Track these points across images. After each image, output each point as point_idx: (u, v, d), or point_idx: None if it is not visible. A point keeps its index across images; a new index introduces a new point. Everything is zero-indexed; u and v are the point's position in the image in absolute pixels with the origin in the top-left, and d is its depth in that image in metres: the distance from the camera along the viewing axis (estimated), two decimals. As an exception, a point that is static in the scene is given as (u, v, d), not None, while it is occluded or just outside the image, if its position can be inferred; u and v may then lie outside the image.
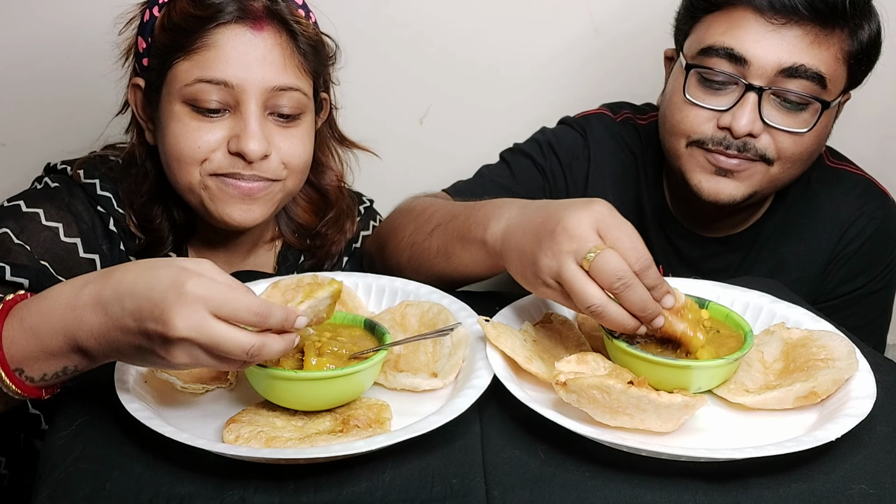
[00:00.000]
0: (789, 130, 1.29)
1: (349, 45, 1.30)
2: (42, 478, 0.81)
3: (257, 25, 1.14)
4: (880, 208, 1.45)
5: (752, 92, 1.27)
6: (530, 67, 1.78)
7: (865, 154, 1.61)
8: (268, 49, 1.14)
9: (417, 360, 0.97)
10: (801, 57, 1.26)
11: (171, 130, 1.16)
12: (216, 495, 0.78)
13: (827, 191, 1.46)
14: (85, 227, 1.21)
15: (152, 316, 0.78)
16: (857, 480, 0.81)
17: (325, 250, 1.37)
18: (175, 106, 1.15)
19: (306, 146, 1.22)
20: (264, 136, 1.15)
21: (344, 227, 1.38)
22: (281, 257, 1.36)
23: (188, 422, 0.88)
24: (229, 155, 1.15)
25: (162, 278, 0.79)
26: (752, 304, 1.09)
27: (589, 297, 0.90)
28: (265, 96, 1.15)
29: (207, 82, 1.12)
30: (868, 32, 1.30)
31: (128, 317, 0.79)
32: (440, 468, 0.82)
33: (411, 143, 1.80)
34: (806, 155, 1.33)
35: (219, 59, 1.12)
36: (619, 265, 0.89)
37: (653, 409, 0.83)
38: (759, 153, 1.30)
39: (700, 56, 1.31)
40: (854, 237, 1.44)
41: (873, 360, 0.96)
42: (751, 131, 1.28)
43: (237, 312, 0.78)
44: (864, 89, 1.38)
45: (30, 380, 0.85)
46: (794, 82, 1.27)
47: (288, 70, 1.16)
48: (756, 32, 1.26)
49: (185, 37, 1.13)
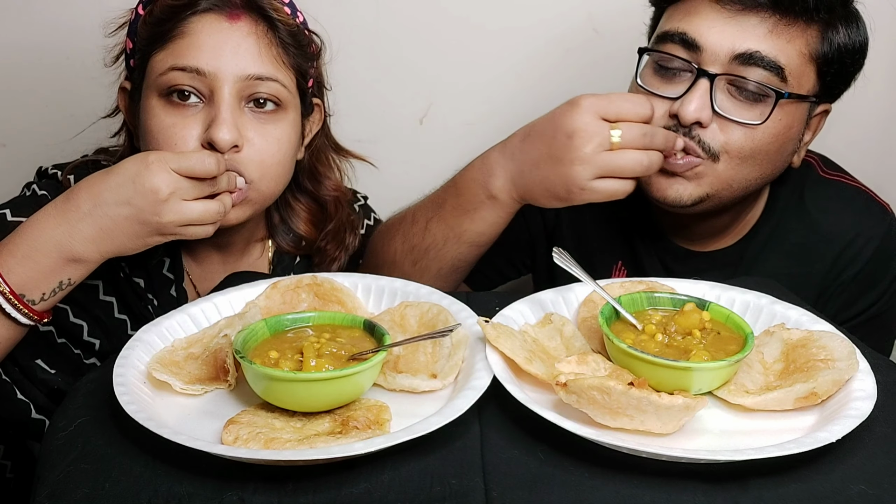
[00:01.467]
0: (741, 121, 1.23)
1: (350, 45, 1.30)
2: (41, 478, 0.81)
3: (233, 15, 1.14)
4: (879, 224, 1.37)
5: (703, 78, 1.22)
6: (530, 67, 1.78)
7: (862, 164, 1.54)
8: (242, 37, 1.14)
9: (417, 360, 0.97)
10: (758, 44, 1.21)
11: (148, 128, 1.16)
12: (215, 495, 0.78)
13: (820, 206, 1.37)
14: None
15: (136, 190, 0.99)
16: (857, 481, 0.81)
17: (326, 266, 1.37)
18: (152, 100, 1.16)
19: (282, 146, 1.20)
20: (235, 126, 1.14)
21: (345, 240, 1.38)
22: (276, 258, 1.36)
23: (187, 423, 0.88)
24: (202, 149, 1.15)
25: (126, 168, 1.01)
26: (752, 304, 1.09)
27: (637, 162, 1.12)
28: (239, 85, 1.14)
29: (181, 70, 1.13)
30: (844, 38, 1.25)
31: (115, 205, 1.00)
32: (439, 469, 0.82)
33: (411, 143, 1.80)
34: (760, 154, 1.25)
35: (192, 46, 1.13)
36: (638, 129, 1.10)
37: (653, 411, 0.83)
38: (706, 146, 1.23)
39: (655, 43, 1.29)
40: (852, 259, 1.35)
41: (873, 360, 0.96)
42: (699, 119, 1.22)
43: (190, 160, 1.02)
44: (860, 97, 1.35)
45: (31, 302, 1.02)
46: (749, 70, 1.22)
47: (264, 59, 1.16)
48: (711, 18, 1.23)
49: (162, 26, 1.14)
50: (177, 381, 0.91)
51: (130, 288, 1.25)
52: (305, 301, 1.08)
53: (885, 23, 1.35)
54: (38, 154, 1.40)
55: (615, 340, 0.93)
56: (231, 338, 0.93)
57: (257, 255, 1.35)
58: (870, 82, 1.34)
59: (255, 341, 0.93)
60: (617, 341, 0.93)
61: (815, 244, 1.37)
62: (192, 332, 1.02)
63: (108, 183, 1.01)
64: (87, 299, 1.23)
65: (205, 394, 0.93)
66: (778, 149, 1.27)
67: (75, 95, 1.66)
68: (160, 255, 1.27)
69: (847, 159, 1.49)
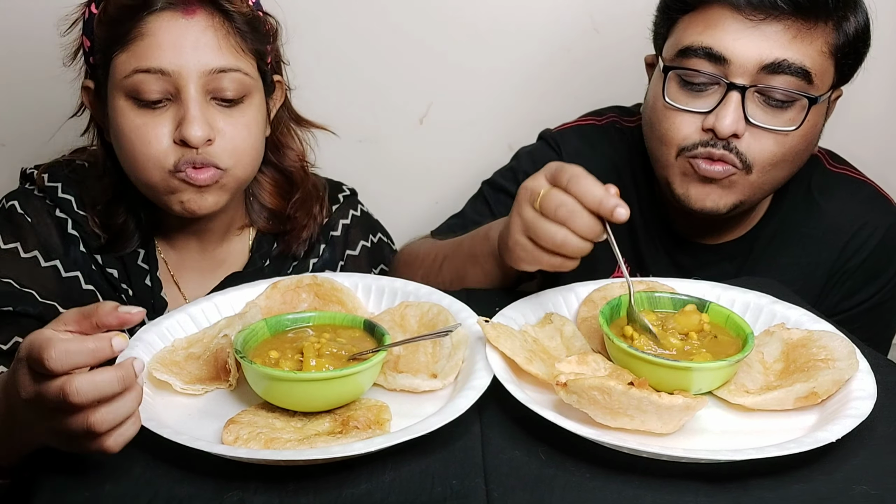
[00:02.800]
0: (775, 129, 1.24)
1: (350, 45, 1.30)
2: (41, 481, 0.81)
3: (189, 10, 1.14)
4: (884, 216, 1.40)
5: (734, 91, 1.23)
6: (531, 67, 1.77)
7: (868, 158, 1.56)
8: (200, 31, 1.15)
9: (417, 360, 0.97)
10: (784, 52, 1.21)
11: (119, 128, 1.17)
12: (215, 496, 0.78)
13: (827, 197, 1.41)
14: (42, 236, 1.24)
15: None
16: (859, 481, 0.81)
17: (296, 234, 1.37)
18: (119, 101, 1.16)
19: (252, 131, 1.21)
20: (206, 121, 1.15)
21: (312, 209, 1.38)
22: (255, 244, 1.36)
23: (187, 423, 0.88)
24: (176, 147, 1.15)
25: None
26: (752, 304, 1.09)
27: (551, 234, 0.98)
28: (203, 80, 1.15)
29: (145, 72, 1.13)
30: (854, 24, 1.26)
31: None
32: (440, 469, 0.82)
33: (411, 143, 1.80)
34: (792, 155, 1.28)
35: (152, 46, 1.13)
36: (557, 199, 0.97)
37: (653, 411, 0.83)
38: (742, 156, 1.25)
39: (678, 58, 1.27)
40: (858, 249, 1.38)
41: (874, 360, 0.96)
42: (735, 131, 1.23)
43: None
44: (864, 91, 1.36)
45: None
46: (777, 78, 1.22)
47: (224, 51, 1.16)
48: (734, 30, 1.22)
49: (120, 27, 1.14)
50: (177, 380, 0.91)
51: (105, 279, 1.27)
52: (306, 301, 1.08)
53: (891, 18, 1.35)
54: (39, 154, 1.40)
55: (615, 340, 0.93)
56: (231, 338, 0.93)
57: (236, 242, 1.36)
58: (873, 74, 1.34)
59: (255, 341, 0.93)
60: (617, 341, 0.93)
61: (821, 235, 1.39)
62: (192, 331, 1.02)
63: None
64: (72, 291, 1.24)
65: (205, 394, 0.93)
66: (806, 147, 1.30)
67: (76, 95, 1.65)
68: (134, 245, 1.28)
69: (853, 154, 1.51)
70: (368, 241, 1.45)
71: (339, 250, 1.42)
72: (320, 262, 1.39)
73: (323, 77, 1.38)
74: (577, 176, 0.98)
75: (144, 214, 1.27)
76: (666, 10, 1.33)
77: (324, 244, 1.40)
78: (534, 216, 1.00)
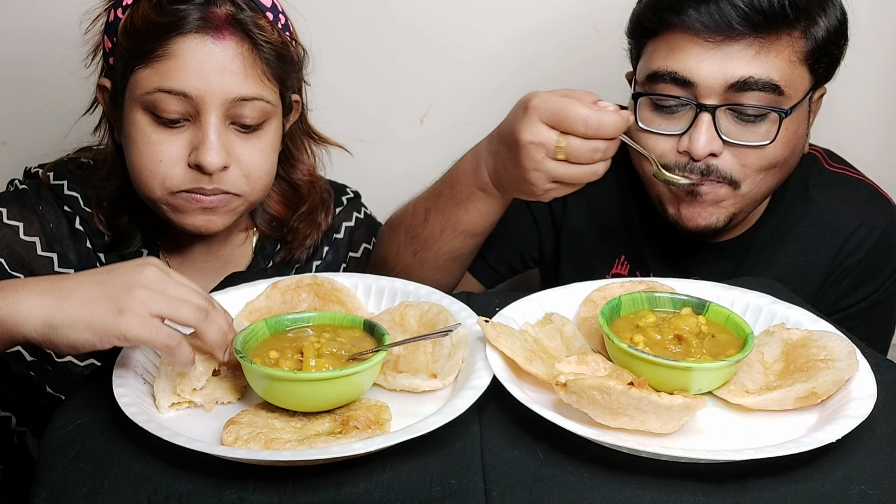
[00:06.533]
0: (750, 145, 1.24)
1: (350, 45, 1.30)
2: (40, 478, 0.81)
3: (219, 34, 1.12)
4: (882, 215, 1.40)
5: (704, 112, 1.23)
6: (531, 66, 1.77)
7: (866, 157, 1.57)
8: (229, 59, 1.13)
9: (417, 360, 0.97)
10: (749, 69, 1.21)
11: (132, 139, 1.16)
12: (215, 494, 0.78)
13: (826, 197, 1.41)
14: (49, 226, 1.24)
15: (121, 268, 0.90)
16: (857, 481, 0.81)
17: (298, 243, 1.37)
18: (136, 114, 1.15)
19: (268, 157, 1.21)
20: (223, 148, 1.14)
21: (317, 220, 1.38)
22: (258, 246, 1.36)
23: (187, 422, 0.88)
24: (189, 169, 1.15)
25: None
26: (752, 304, 1.09)
27: (590, 173, 1.09)
28: (226, 107, 1.13)
29: (167, 92, 1.12)
30: (825, 25, 1.24)
31: (91, 275, 0.89)
32: (439, 469, 0.82)
33: (411, 143, 1.80)
34: (778, 163, 1.28)
35: (178, 68, 1.11)
36: (586, 147, 1.07)
37: (653, 411, 0.83)
38: (724, 175, 1.25)
39: (647, 83, 1.28)
40: (855, 248, 1.38)
41: (874, 360, 0.96)
42: (711, 151, 1.24)
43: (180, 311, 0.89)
44: (863, 90, 1.36)
45: None
46: (746, 95, 1.22)
47: (250, 80, 1.15)
48: (696, 53, 1.22)
49: (146, 43, 1.12)
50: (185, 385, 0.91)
51: None
52: (305, 301, 1.08)
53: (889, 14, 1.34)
54: (39, 154, 1.40)
55: (615, 340, 0.93)
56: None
57: (240, 243, 1.36)
58: (872, 77, 1.34)
59: (255, 341, 0.93)
60: (617, 341, 0.93)
61: (820, 234, 1.40)
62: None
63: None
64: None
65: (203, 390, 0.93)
66: (792, 152, 1.30)
67: (77, 94, 1.65)
68: (138, 245, 1.28)
69: (851, 154, 1.51)
70: (371, 243, 1.45)
71: (342, 252, 1.42)
72: (323, 265, 1.39)
73: (322, 77, 1.38)
74: (586, 118, 1.05)
75: (149, 215, 1.27)
76: (632, 35, 1.34)
77: (327, 246, 1.41)
78: (564, 168, 1.09)
